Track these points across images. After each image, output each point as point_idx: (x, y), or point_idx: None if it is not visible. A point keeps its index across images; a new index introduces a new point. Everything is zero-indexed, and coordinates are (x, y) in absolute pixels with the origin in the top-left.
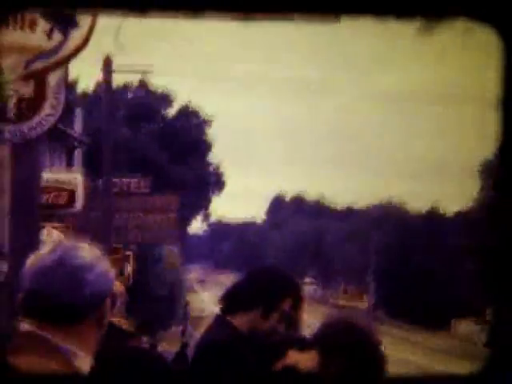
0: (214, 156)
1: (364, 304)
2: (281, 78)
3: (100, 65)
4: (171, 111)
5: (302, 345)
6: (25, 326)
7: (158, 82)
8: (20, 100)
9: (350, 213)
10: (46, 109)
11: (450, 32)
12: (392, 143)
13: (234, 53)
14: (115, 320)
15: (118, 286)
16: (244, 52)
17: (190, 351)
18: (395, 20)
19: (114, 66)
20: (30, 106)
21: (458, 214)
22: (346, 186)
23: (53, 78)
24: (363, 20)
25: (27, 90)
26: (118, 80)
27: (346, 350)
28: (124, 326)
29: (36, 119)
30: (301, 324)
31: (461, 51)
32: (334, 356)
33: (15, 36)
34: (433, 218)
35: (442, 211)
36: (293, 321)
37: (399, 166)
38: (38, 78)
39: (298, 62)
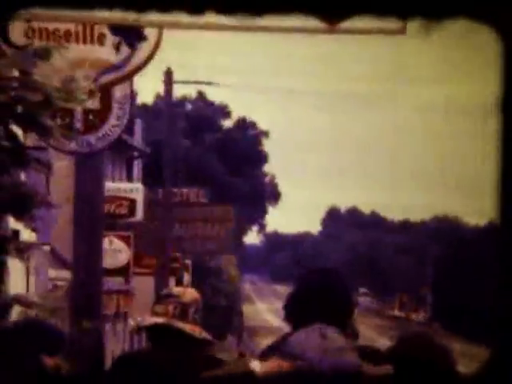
0: (270, 167)
1: (420, 316)
2: (336, 91)
3: (160, 77)
4: (228, 123)
5: (377, 358)
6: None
7: (215, 94)
8: (86, 112)
9: (405, 225)
10: (112, 120)
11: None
12: (447, 156)
13: (290, 65)
14: (189, 328)
15: (192, 294)
16: (300, 64)
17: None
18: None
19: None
20: (97, 118)
21: None
22: (400, 199)
23: (118, 90)
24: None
25: (93, 102)
26: (176, 92)
27: (424, 367)
28: (198, 334)
29: (102, 130)
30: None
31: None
32: (411, 371)
33: (85, 50)
34: (490, 231)
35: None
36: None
37: (455, 179)
38: (105, 90)
39: (352, 75)
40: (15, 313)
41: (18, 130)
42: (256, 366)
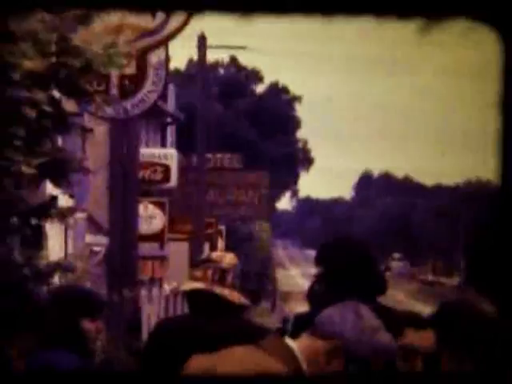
0: (303, 133)
1: (453, 281)
2: (368, 56)
3: (193, 43)
4: (261, 88)
5: (419, 324)
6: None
7: (248, 60)
8: (122, 77)
9: (438, 189)
10: (148, 86)
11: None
12: (480, 118)
13: (323, 32)
14: (228, 293)
15: (231, 258)
16: (332, 31)
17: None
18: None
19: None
20: (133, 84)
21: None
22: (433, 163)
23: (154, 56)
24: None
25: (129, 67)
26: (208, 57)
27: (468, 332)
28: (236, 299)
29: (138, 96)
30: None
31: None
32: (453, 337)
33: (122, 16)
34: None
35: None
36: None
37: (489, 142)
38: (140, 56)
39: (386, 41)
40: (56, 278)
41: (58, 96)
42: (291, 343)
